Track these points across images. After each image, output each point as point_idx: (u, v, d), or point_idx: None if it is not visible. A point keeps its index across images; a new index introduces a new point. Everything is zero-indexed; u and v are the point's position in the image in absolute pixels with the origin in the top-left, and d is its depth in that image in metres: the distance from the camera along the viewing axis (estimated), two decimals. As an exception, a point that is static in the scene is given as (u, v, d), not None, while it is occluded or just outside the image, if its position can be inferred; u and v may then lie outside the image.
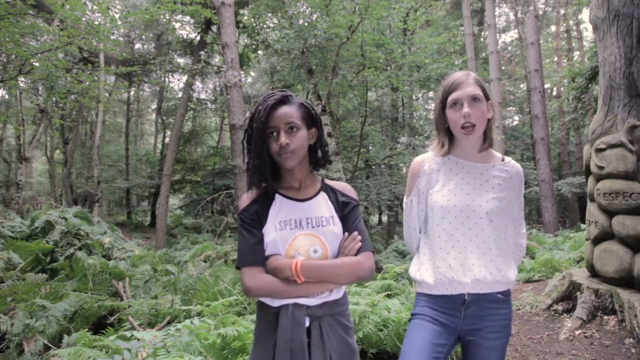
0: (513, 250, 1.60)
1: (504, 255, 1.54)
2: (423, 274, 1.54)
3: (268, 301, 1.35)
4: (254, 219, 1.37)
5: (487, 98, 1.51)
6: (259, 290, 1.31)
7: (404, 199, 1.66)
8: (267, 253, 1.35)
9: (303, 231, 1.35)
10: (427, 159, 1.60)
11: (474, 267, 1.48)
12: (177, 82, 23.60)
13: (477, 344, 1.54)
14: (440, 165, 1.57)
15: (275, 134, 1.34)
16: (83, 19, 7.32)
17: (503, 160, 1.61)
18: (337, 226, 1.40)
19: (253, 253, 1.34)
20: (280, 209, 1.38)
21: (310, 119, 1.41)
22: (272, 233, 1.34)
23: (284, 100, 1.37)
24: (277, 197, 1.40)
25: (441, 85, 1.57)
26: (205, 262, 7.54)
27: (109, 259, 7.16)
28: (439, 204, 1.52)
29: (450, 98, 1.49)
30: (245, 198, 1.41)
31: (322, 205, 1.41)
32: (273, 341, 1.32)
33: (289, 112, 1.35)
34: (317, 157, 1.46)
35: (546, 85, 16.41)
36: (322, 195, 1.44)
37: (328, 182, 1.51)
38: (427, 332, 1.49)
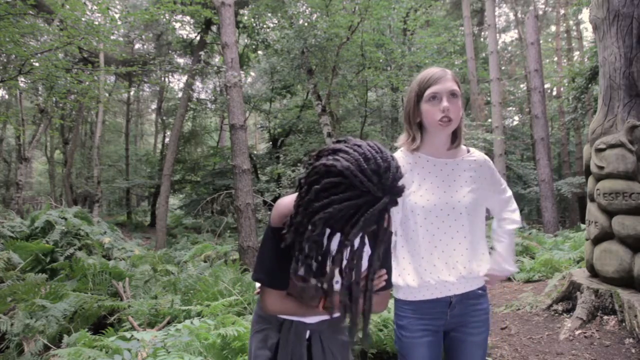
0: (508, 224, 1.66)
1: (485, 247, 1.56)
2: (406, 278, 1.51)
3: None
4: None
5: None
6: (279, 313, 1.28)
7: None
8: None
9: None
10: (398, 159, 1.58)
11: (458, 264, 1.48)
12: (177, 82, 23.63)
13: (460, 340, 1.54)
14: (413, 165, 1.55)
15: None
16: (83, 19, 7.31)
17: (468, 151, 1.60)
18: (365, 259, 1.25)
19: (282, 277, 1.22)
20: None
21: None
22: None
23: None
24: None
25: (416, 79, 1.54)
26: (205, 262, 7.54)
27: (109, 259, 7.15)
28: (419, 205, 1.49)
29: (429, 91, 1.47)
30: (286, 206, 1.18)
31: None
32: (272, 342, 1.34)
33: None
34: None
35: (546, 85, 16.40)
36: None
37: None
38: (424, 349, 1.49)
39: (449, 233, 1.49)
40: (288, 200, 1.20)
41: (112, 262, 6.38)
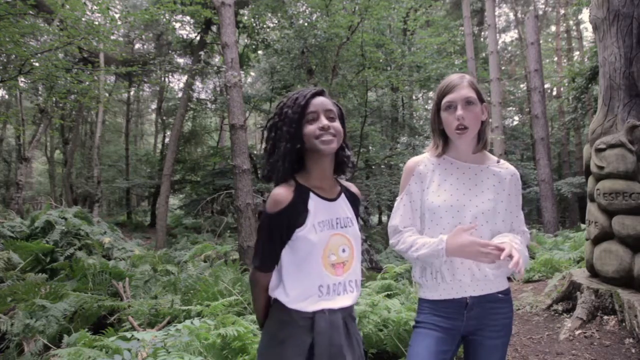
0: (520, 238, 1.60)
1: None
2: (425, 276, 1.56)
3: (300, 307, 1.31)
4: (289, 222, 1.31)
5: (482, 100, 1.53)
6: (256, 287, 1.44)
7: (397, 198, 1.67)
8: (303, 253, 1.32)
9: (334, 231, 1.37)
10: (423, 159, 1.62)
11: (474, 266, 1.50)
12: (177, 82, 23.59)
13: (479, 343, 1.55)
14: (435, 166, 1.59)
15: (314, 118, 1.34)
16: (83, 19, 7.31)
17: (498, 162, 1.62)
18: (357, 226, 1.46)
19: (272, 260, 1.37)
20: (316, 208, 1.35)
21: (341, 118, 1.42)
22: (313, 234, 1.31)
23: (321, 92, 1.39)
24: (312, 195, 1.36)
25: (437, 88, 1.60)
26: (205, 262, 7.54)
27: (109, 259, 7.15)
28: (435, 204, 1.53)
29: (445, 100, 1.52)
30: (281, 195, 1.30)
31: (345, 206, 1.45)
32: (305, 346, 1.29)
33: (328, 102, 1.38)
34: (342, 157, 1.45)
35: (546, 85, 16.41)
36: (344, 196, 1.47)
37: (342, 182, 1.54)
38: (431, 340, 1.51)
39: None
40: (283, 190, 1.33)
41: (112, 262, 6.38)
